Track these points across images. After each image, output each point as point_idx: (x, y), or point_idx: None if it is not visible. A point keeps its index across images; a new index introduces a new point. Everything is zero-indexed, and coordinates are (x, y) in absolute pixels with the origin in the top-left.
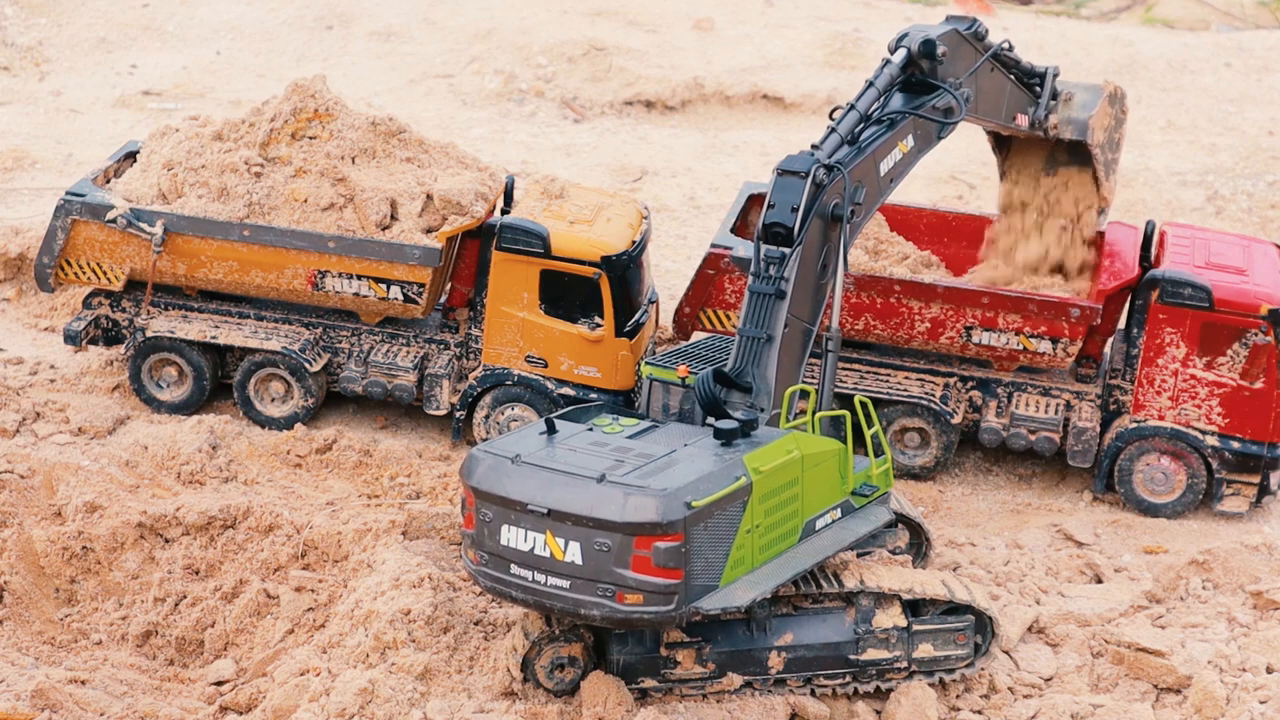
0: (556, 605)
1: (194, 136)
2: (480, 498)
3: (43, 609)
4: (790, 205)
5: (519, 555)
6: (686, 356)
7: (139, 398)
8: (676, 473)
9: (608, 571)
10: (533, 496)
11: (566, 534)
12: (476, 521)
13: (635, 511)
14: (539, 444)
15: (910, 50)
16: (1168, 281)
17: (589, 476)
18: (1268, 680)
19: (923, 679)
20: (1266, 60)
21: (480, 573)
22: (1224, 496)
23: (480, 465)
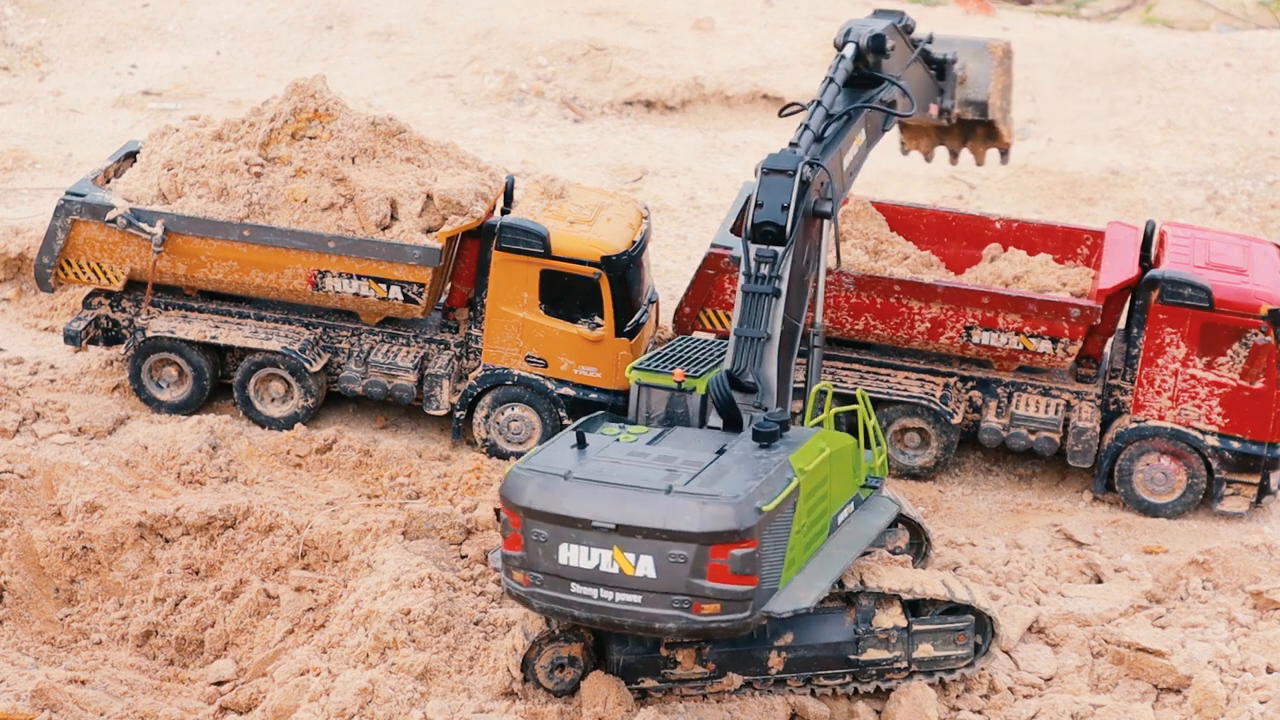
0: (627, 621)
1: (194, 136)
2: (533, 517)
3: (43, 609)
4: (780, 204)
5: (581, 573)
6: (664, 359)
7: (139, 398)
8: (737, 478)
9: (684, 583)
10: (597, 513)
11: (637, 548)
12: (526, 542)
13: (713, 520)
14: (578, 458)
15: (859, 45)
16: (1168, 281)
17: (656, 489)
18: (1268, 680)
19: (923, 679)
20: (1266, 60)
21: (533, 594)
22: (1224, 496)
23: (530, 484)
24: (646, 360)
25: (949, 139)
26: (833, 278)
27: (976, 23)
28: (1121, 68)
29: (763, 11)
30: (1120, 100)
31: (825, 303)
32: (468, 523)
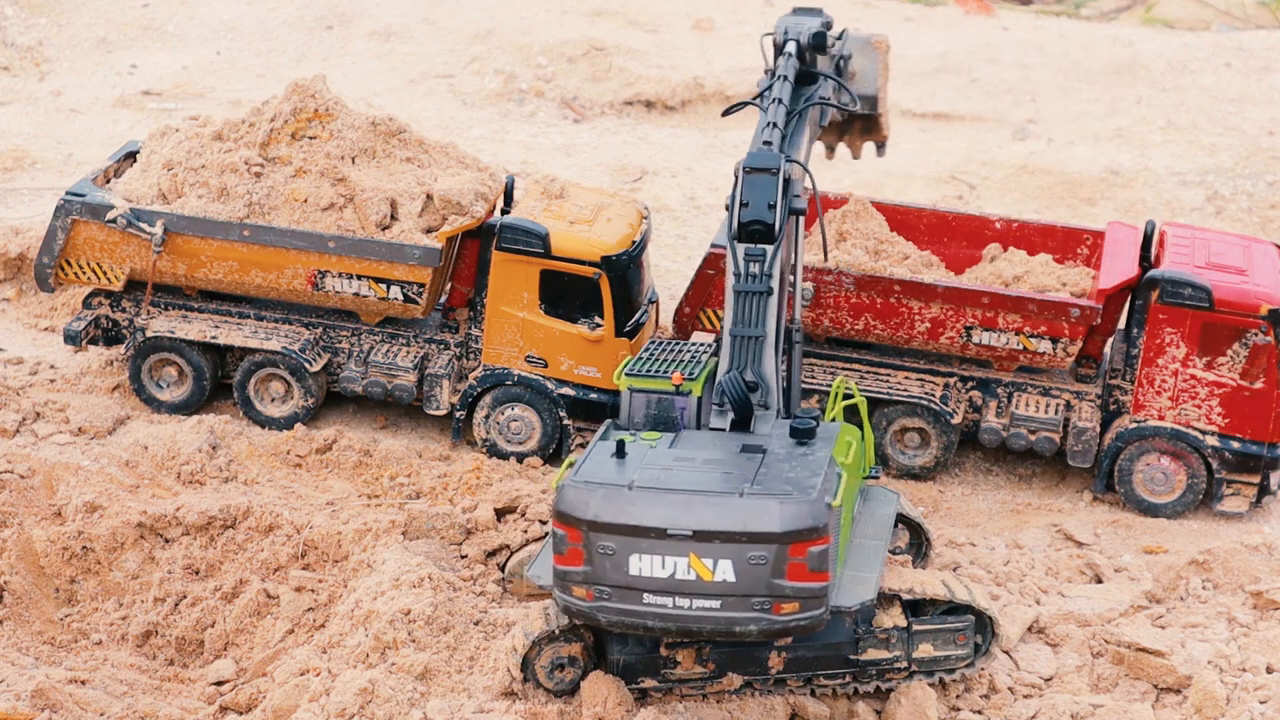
0: (706, 627)
1: (194, 136)
2: (598, 530)
3: (43, 609)
4: (766, 202)
5: (655, 583)
6: (645, 364)
7: (139, 398)
8: (800, 476)
9: (764, 584)
10: (672, 520)
11: (715, 553)
12: (590, 556)
13: (792, 519)
14: (628, 467)
15: (800, 43)
16: (1168, 281)
17: (728, 492)
18: (1268, 680)
19: (923, 679)
20: (1266, 60)
21: (600, 609)
22: (1224, 496)
23: (593, 498)
24: (633, 366)
25: (826, 134)
26: (833, 278)
27: (977, 23)
28: (1121, 68)
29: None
30: (1120, 100)
31: (826, 303)
32: (468, 523)
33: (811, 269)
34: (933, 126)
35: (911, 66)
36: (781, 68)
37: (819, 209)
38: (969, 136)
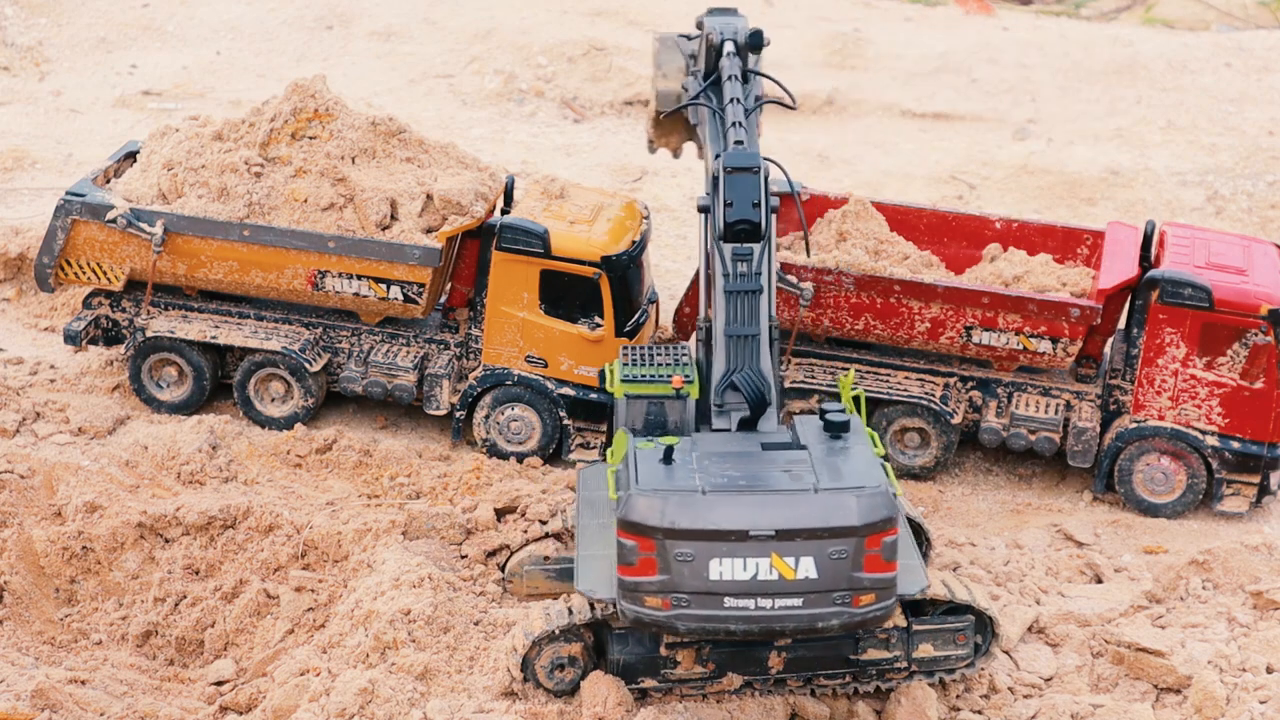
0: (788, 626)
1: (194, 136)
2: (675, 537)
3: (43, 609)
4: (751, 201)
5: (736, 586)
6: (634, 368)
7: (139, 398)
8: (859, 469)
9: (845, 578)
10: (753, 522)
11: (796, 551)
12: (666, 564)
13: (869, 511)
14: (683, 472)
15: (737, 42)
16: (1168, 281)
17: (803, 489)
18: (1268, 680)
19: (923, 679)
20: (1266, 60)
21: (678, 617)
22: (1224, 496)
23: (667, 505)
24: (625, 373)
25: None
26: (833, 278)
27: (977, 23)
28: (1121, 68)
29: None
30: (1120, 100)
31: (826, 303)
32: (468, 523)
33: (811, 269)
34: (933, 126)
35: (911, 66)
36: (728, 68)
37: (798, 205)
38: (969, 136)
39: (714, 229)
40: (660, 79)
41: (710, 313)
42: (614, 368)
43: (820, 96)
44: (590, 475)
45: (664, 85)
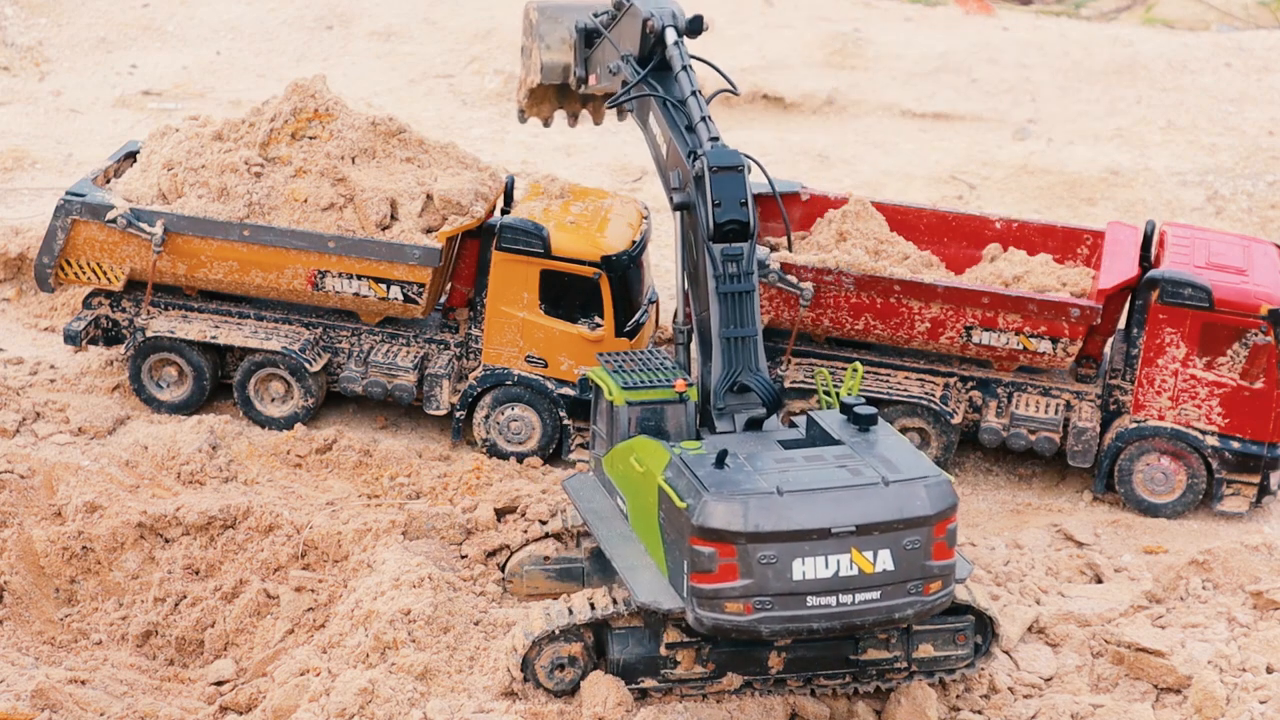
0: (868, 619)
1: (194, 136)
2: (759, 540)
3: (43, 609)
4: (738, 200)
5: (819, 584)
6: (624, 375)
7: (139, 398)
8: (910, 459)
9: (919, 567)
10: (834, 519)
11: (874, 544)
12: (749, 568)
13: (938, 500)
14: (751, 473)
15: (679, 29)
16: (1168, 281)
17: (873, 483)
18: (1268, 680)
19: (923, 679)
20: (1266, 60)
21: (762, 620)
22: (1224, 496)
23: (748, 508)
24: (624, 380)
25: (569, 102)
26: (833, 278)
27: (976, 23)
28: (1121, 68)
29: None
30: (1120, 100)
31: (826, 303)
32: (468, 523)
33: (811, 269)
34: (933, 126)
35: (911, 66)
36: (679, 58)
37: (779, 200)
38: (969, 136)
39: (701, 229)
40: (545, 50)
41: (689, 315)
42: (599, 375)
43: (820, 96)
44: (579, 486)
45: (549, 57)
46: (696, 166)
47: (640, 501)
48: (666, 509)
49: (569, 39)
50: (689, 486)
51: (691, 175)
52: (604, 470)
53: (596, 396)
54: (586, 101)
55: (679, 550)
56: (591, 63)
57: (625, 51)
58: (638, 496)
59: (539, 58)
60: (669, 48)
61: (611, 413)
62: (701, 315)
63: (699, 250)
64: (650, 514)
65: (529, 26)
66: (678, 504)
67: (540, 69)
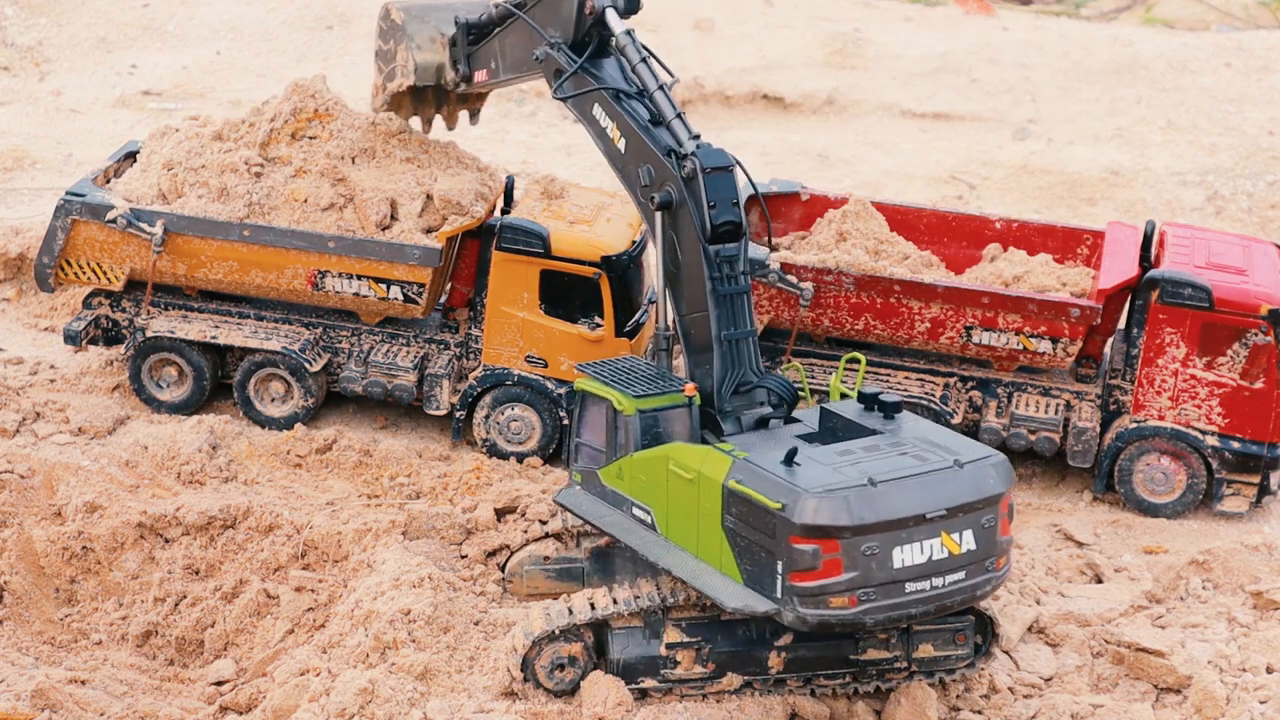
0: (956, 599)
1: (194, 136)
2: (863, 533)
3: (43, 609)
4: (730, 200)
5: (915, 570)
6: (623, 383)
7: (139, 398)
8: (956, 442)
9: (993, 545)
10: (927, 505)
11: (959, 526)
12: (853, 561)
13: (1005, 478)
14: (826, 468)
15: (619, 8)
16: (1168, 281)
17: (949, 467)
18: (1268, 680)
19: (923, 679)
20: (1266, 60)
21: (866, 613)
22: (1224, 496)
23: (850, 502)
24: (634, 390)
25: (424, 106)
26: (833, 278)
27: (976, 23)
28: (1121, 68)
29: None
30: (1120, 100)
31: (825, 303)
32: (468, 523)
33: (811, 269)
34: (933, 126)
35: (911, 66)
36: (635, 52)
37: (760, 199)
38: (969, 136)
39: (696, 231)
40: (416, 51)
41: (672, 320)
42: (594, 386)
43: (820, 96)
44: (574, 500)
45: (423, 57)
46: (687, 167)
47: (683, 509)
48: (741, 512)
49: (439, 38)
50: (777, 487)
51: (679, 176)
52: (603, 482)
53: (582, 409)
54: (442, 104)
55: (763, 552)
56: (478, 58)
57: (553, 37)
58: (679, 504)
59: (411, 59)
60: (619, 36)
61: (617, 423)
62: (689, 317)
63: (686, 251)
64: (704, 520)
65: (391, 28)
66: (769, 505)
67: (414, 70)
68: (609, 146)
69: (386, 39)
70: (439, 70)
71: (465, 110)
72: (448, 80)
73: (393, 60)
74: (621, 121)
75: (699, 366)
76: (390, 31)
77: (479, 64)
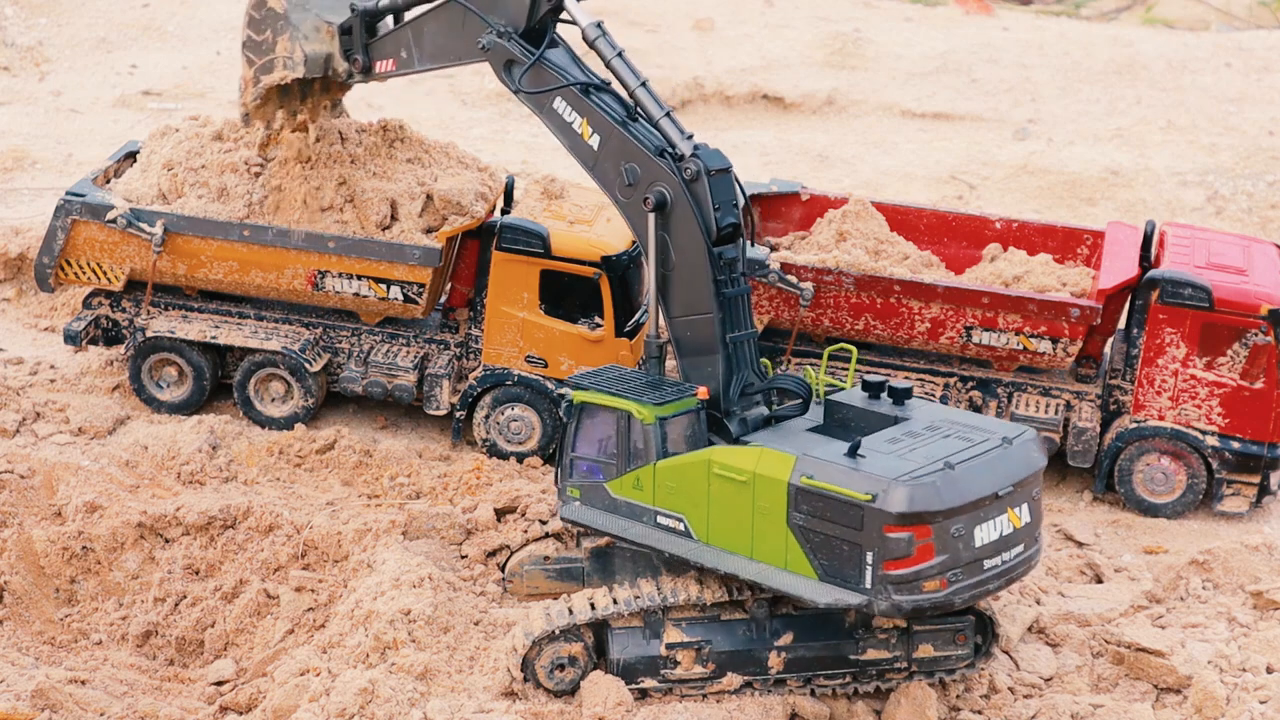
0: (1019, 572)
1: (194, 136)
2: (952, 515)
3: (43, 609)
4: (731, 202)
5: (991, 547)
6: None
7: (139, 398)
8: (981, 421)
9: (1040, 516)
10: (998, 483)
11: (1019, 500)
12: (944, 544)
13: (1045, 453)
14: (892, 455)
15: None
16: (1168, 281)
17: (1001, 445)
18: (1268, 680)
19: (923, 679)
20: (1266, 60)
21: (955, 593)
22: (1224, 496)
23: (938, 487)
24: (651, 398)
25: (289, 99)
26: (833, 278)
27: (977, 23)
28: (1121, 68)
29: (763, 11)
30: (1120, 100)
31: (826, 303)
32: (468, 523)
33: (811, 269)
34: (933, 126)
35: (911, 66)
36: (608, 47)
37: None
38: (969, 136)
39: (699, 233)
40: (304, 41)
41: (663, 330)
42: (602, 398)
43: (820, 96)
44: (589, 515)
45: (312, 48)
46: (690, 169)
47: (731, 511)
48: (815, 508)
49: (325, 26)
50: (859, 478)
51: (678, 177)
52: (612, 495)
53: (580, 423)
54: (307, 97)
55: (845, 545)
56: (381, 47)
57: (500, 25)
58: (726, 507)
59: (299, 50)
60: (588, 29)
61: (632, 433)
62: (683, 320)
63: (681, 252)
64: (761, 520)
65: (269, 17)
66: (858, 497)
67: (303, 62)
68: (575, 142)
69: (261, 29)
70: (327, 61)
71: (328, 101)
72: (339, 72)
73: (269, 52)
74: (595, 117)
75: (697, 370)
76: (266, 21)
77: (382, 53)
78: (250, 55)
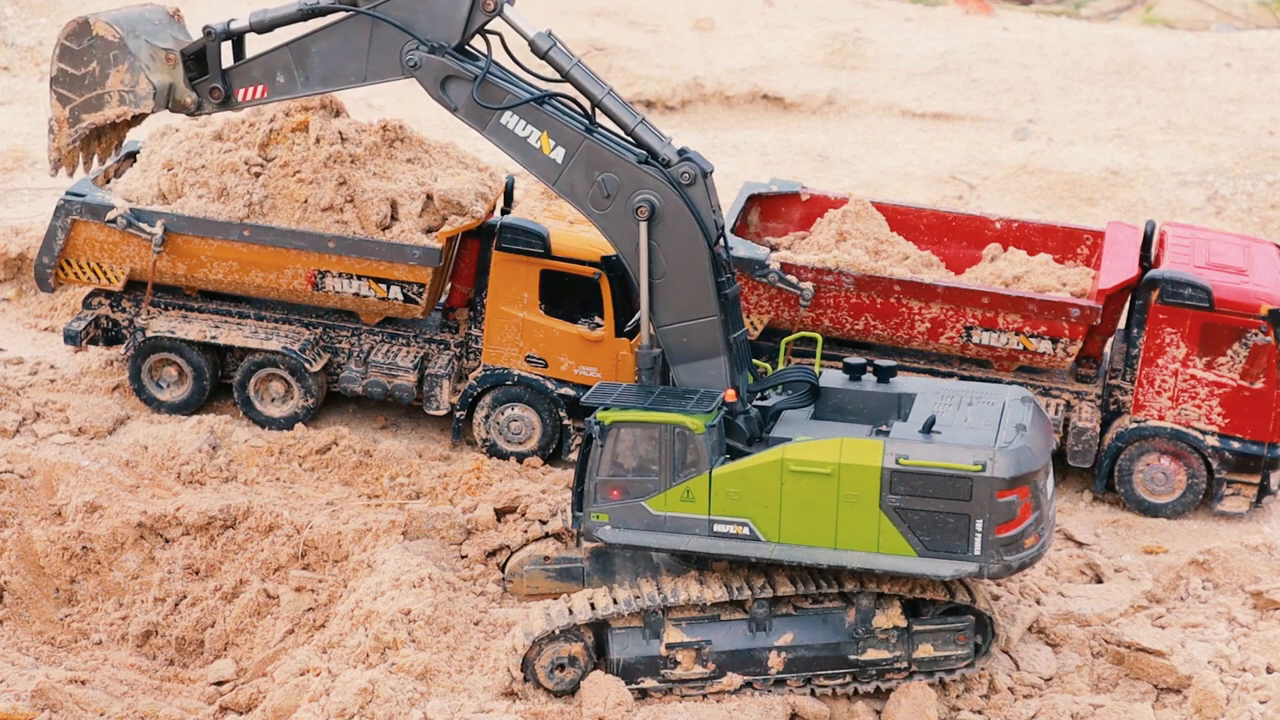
0: (1055, 524)
1: (194, 136)
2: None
3: (43, 609)
4: (717, 204)
5: (1051, 506)
6: (640, 399)
7: (139, 398)
8: (973, 387)
9: None
10: (1048, 445)
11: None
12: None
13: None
14: (959, 427)
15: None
16: (1168, 281)
17: (1023, 404)
18: (1268, 680)
19: (923, 679)
20: (1266, 60)
21: (1043, 546)
22: (1224, 496)
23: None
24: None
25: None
26: (833, 278)
27: (977, 23)
28: (1121, 68)
29: (763, 11)
30: (1120, 100)
31: (825, 303)
32: (468, 523)
33: (811, 269)
34: (933, 126)
35: (911, 66)
36: (565, 58)
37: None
38: (969, 136)
39: (699, 236)
40: (149, 71)
41: (655, 340)
42: (643, 415)
43: (820, 96)
44: (636, 537)
45: (159, 78)
46: (686, 174)
47: (811, 506)
48: (915, 486)
49: (162, 53)
50: (960, 452)
51: (674, 182)
52: (652, 512)
53: (608, 445)
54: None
55: (951, 517)
56: (245, 73)
57: (430, 38)
58: (804, 503)
59: (144, 81)
60: (538, 39)
61: (677, 446)
62: (678, 325)
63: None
64: (848, 508)
65: (96, 47)
66: (968, 469)
67: (151, 95)
68: (533, 157)
69: (82, 61)
70: (171, 92)
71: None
72: (184, 104)
73: (96, 86)
74: (558, 130)
75: (696, 375)
76: (91, 51)
77: (247, 80)
78: (63, 92)
